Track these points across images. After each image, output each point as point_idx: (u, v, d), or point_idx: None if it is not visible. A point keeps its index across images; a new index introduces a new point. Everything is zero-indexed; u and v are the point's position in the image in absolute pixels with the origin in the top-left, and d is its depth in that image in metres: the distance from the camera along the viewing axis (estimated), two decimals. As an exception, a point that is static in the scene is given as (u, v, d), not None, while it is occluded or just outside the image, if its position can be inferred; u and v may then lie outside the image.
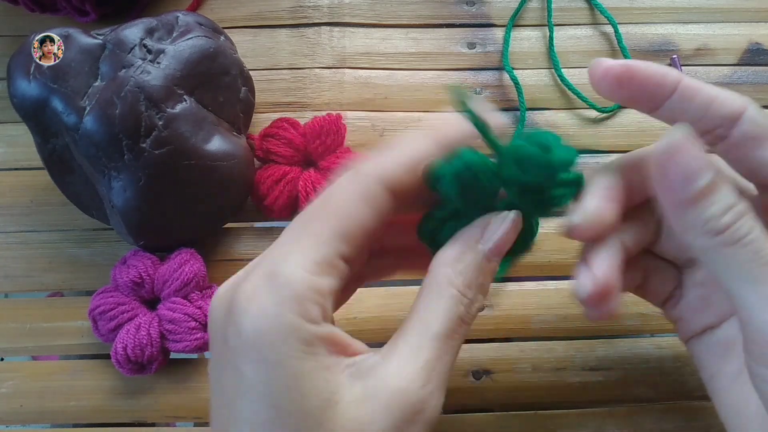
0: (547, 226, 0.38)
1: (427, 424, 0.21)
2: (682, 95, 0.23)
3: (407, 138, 0.24)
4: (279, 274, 0.21)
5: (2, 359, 0.38)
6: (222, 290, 0.23)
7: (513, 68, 0.43)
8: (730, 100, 0.23)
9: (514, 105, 0.42)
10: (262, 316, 0.20)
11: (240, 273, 0.23)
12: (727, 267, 0.22)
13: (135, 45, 0.33)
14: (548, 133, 0.24)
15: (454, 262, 0.23)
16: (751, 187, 0.25)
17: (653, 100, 0.24)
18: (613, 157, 0.40)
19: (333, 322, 0.22)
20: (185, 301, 0.34)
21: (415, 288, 0.24)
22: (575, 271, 0.25)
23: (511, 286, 0.37)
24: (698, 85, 0.23)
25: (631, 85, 0.23)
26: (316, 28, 0.44)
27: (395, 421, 0.20)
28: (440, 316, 0.22)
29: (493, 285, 0.26)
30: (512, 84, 0.42)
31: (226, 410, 0.21)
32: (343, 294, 0.25)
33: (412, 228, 0.25)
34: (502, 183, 0.24)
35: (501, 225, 0.23)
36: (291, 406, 0.20)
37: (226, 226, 0.38)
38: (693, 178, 0.21)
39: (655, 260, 0.28)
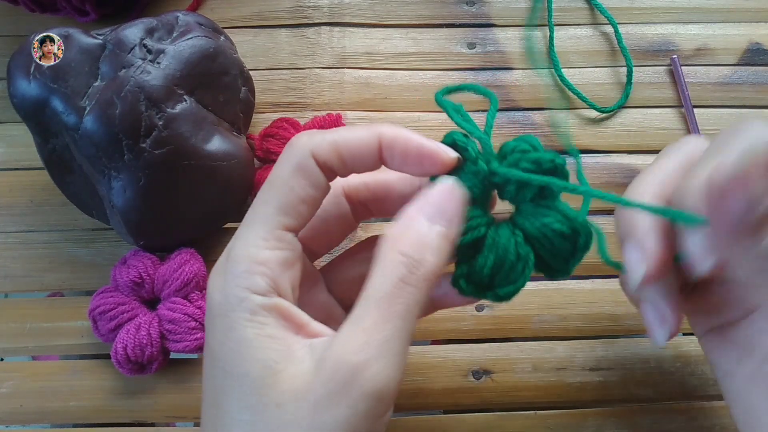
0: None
1: (369, 395, 0.20)
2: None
3: (348, 127, 0.25)
4: (230, 254, 0.23)
5: (2, 359, 0.38)
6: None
7: (513, 68, 0.43)
8: None
9: (514, 105, 0.42)
10: (217, 292, 0.23)
11: None
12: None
13: (135, 45, 0.33)
14: (531, 137, 0.25)
15: (397, 229, 0.23)
16: None
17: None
18: (614, 157, 0.40)
19: (292, 296, 0.23)
20: (185, 301, 0.34)
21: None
22: (625, 256, 0.24)
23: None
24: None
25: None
26: (316, 28, 0.44)
27: (328, 388, 0.21)
28: (378, 281, 0.22)
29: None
30: (512, 84, 0.42)
31: (203, 379, 0.24)
32: (343, 232, 0.29)
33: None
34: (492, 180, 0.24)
35: (434, 188, 0.24)
36: (236, 369, 0.22)
37: (226, 226, 0.38)
38: (755, 206, 0.20)
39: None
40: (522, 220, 0.25)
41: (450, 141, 0.25)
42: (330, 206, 0.27)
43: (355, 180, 0.27)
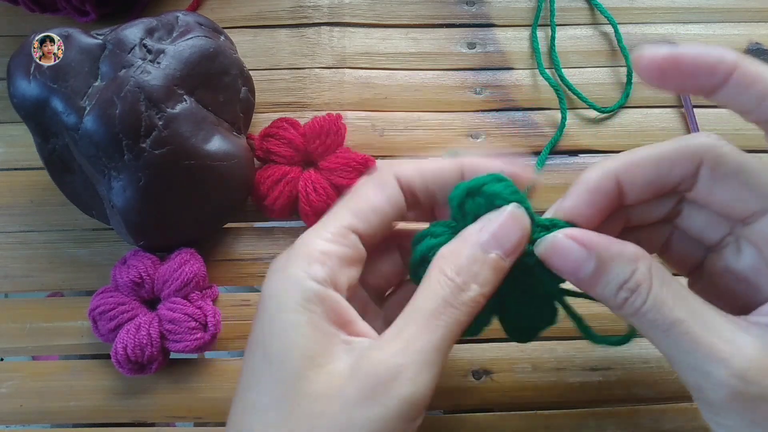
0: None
1: (402, 399, 0.21)
2: (738, 84, 0.22)
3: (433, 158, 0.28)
4: (298, 243, 0.25)
5: (2, 359, 0.38)
6: None
7: (513, 68, 0.43)
8: None
9: (514, 105, 0.42)
10: (276, 273, 0.24)
11: None
12: (641, 331, 0.24)
13: (135, 45, 0.33)
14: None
15: (448, 253, 0.24)
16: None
17: (706, 89, 0.23)
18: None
19: (346, 294, 0.24)
20: (185, 301, 0.34)
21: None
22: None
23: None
24: (757, 73, 0.22)
25: (677, 76, 0.22)
26: (316, 28, 0.44)
27: (362, 390, 0.21)
28: (423, 296, 0.23)
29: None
30: (512, 84, 0.42)
31: (243, 361, 0.24)
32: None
33: None
34: None
35: (497, 216, 0.24)
36: (276, 353, 0.22)
37: (226, 226, 0.38)
38: (578, 271, 0.23)
39: (680, 230, 0.28)
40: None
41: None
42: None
43: (409, 169, 0.27)
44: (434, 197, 0.27)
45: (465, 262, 0.23)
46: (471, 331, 0.25)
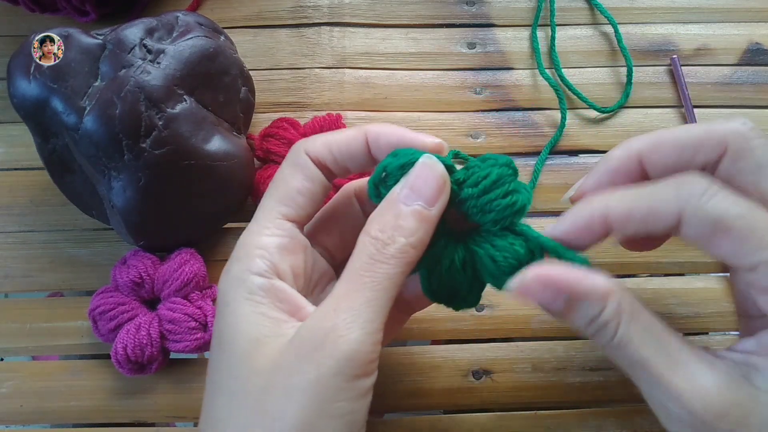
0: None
1: (337, 357, 0.21)
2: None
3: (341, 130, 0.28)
4: (237, 244, 0.26)
5: (2, 359, 0.38)
6: None
7: (513, 68, 0.43)
8: None
9: (514, 105, 0.42)
10: (223, 275, 0.25)
11: None
12: (610, 357, 0.24)
13: (135, 45, 0.33)
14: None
15: (373, 215, 0.25)
16: None
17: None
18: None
19: (293, 282, 0.25)
20: (185, 301, 0.34)
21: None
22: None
23: (511, 286, 0.37)
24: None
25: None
26: (316, 28, 0.44)
27: (299, 354, 0.22)
28: (352, 259, 0.24)
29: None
30: (512, 84, 0.42)
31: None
32: (396, 324, 0.30)
33: None
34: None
35: (411, 170, 0.25)
36: (226, 342, 0.24)
37: (226, 226, 0.38)
38: (550, 306, 0.23)
39: None
40: (484, 243, 0.26)
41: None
42: (343, 208, 0.29)
43: (364, 182, 0.28)
44: (346, 169, 0.27)
45: (388, 219, 0.24)
46: (464, 299, 0.26)
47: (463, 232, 0.26)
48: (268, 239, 0.25)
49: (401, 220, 0.24)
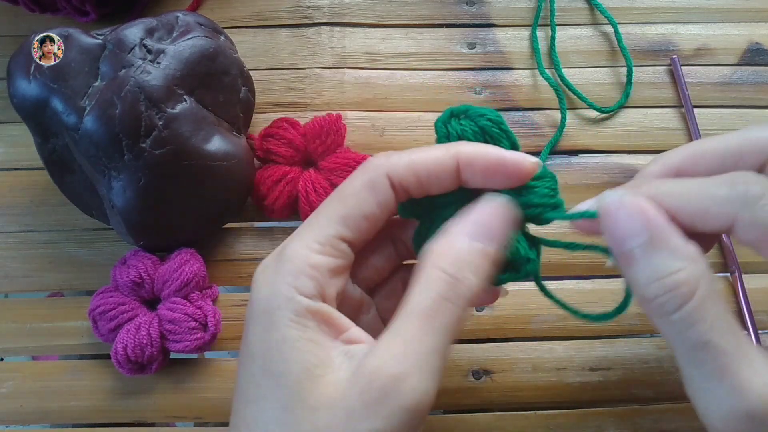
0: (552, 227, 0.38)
1: (406, 408, 0.20)
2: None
3: (425, 147, 0.25)
4: (284, 252, 0.24)
5: (2, 359, 0.38)
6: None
7: (513, 68, 0.43)
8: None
9: (514, 105, 0.42)
10: (264, 286, 0.23)
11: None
12: (663, 334, 0.22)
13: (135, 45, 0.33)
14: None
15: (438, 248, 0.23)
16: None
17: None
18: (614, 157, 0.40)
19: (335, 303, 0.24)
20: (185, 301, 0.34)
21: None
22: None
23: (511, 287, 0.37)
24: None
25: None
26: (316, 28, 0.44)
27: (365, 400, 0.20)
28: (419, 296, 0.22)
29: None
30: (512, 84, 0.42)
31: (236, 376, 0.24)
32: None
33: None
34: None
35: (481, 206, 0.24)
36: (275, 369, 0.22)
37: (226, 226, 0.38)
38: (625, 239, 0.21)
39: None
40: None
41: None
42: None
43: (401, 166, 0.25)
44: (428, 192, 0.25)
45: (457, 253, 0.23)
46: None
47: None
48: (321, 258, 0.23)
49: (472, 257, 0.23)
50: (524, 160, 0.24)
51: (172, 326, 0.33)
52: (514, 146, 0.26)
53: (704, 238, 0.25)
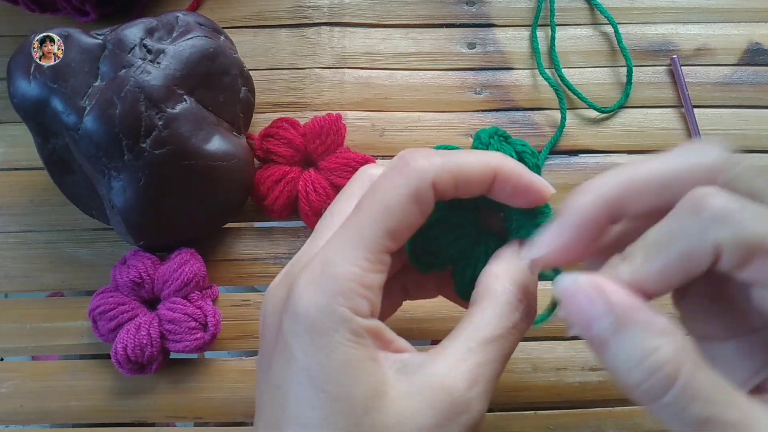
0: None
1: (469, 428, 0.21)
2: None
3: (466, 151, 0.25)
4: (332, 269, 0.22)
5: (2, 359, 0.38)
6: (275, 284, 0.24)
7: (513, 68, 0.43)
8: None
9: (515, 105, 0.42)
10: (316, 305, 0.21)
11: (287, 269, 0.25)
12: (655, 416, 0.20)
13: (135, 45, 0.33)
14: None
15: (507, 273, 0.23)
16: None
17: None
18: (614, 157, 0.40)
19: (378, 316, 0.23)
20: (185, 301, 0.34)
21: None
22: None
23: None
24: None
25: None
26: (316, 28, 0.44)
27: (437, 418, 0.21)
28: (493, 321, 0.22)
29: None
30: (512, 84, 0.42)
31: (274, 394, 0.22)
32: (390, 307, 0.29)
33: None
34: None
35: (546, 233, 0.23)
36: (340, 391, 0.21)
37: (226, 226, 0.38)
38: (591, 325, 0.20)
39: None
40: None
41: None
42: None
43: (445, 177, 0.24)
44: (457, 196, 0.24)
45: (525, 284, 0.23)
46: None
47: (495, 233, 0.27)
48: (374, 277, 0.22)
49: (534, 288, 0.23)
50: (547, 188, 0.24)
51: (172, 326, 0.33)
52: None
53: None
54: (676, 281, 0.20)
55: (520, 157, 0.25)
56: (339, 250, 0.22)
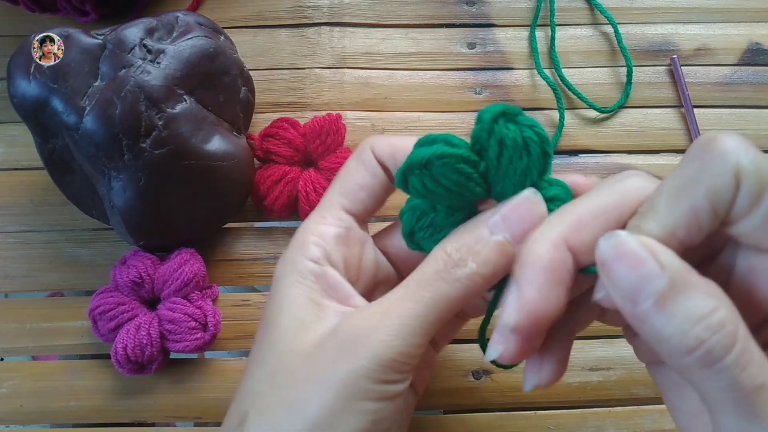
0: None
1: (372, 358, 0.21)
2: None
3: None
4: (298, 230, 0.26)
5: (2, 359, 0.38)
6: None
7: (513, 68, 0.43)
8: None
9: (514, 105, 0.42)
10: (281, 258, 0.26)
11: None
12: (706, 390, 0.19)
13: (135, 45, 0.33)
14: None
15: (456, 232, 0.24)
16: None
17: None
18: (614, 157, 0.40)
19: (343, 270, 0.25)
20: (185, 301, 0.34)
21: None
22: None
23: (511, 286, 0.37)
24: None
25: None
26: (316, 28, 0.44)
27: (337, 347, 0.22)
28: (418, 269, 0.23)
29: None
30: (512, 84, 0.42)
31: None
32: (454, 329, 0.30)
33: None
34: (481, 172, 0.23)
35: (512, 199, 0.23)
36: (273, 318, 0.24)
37: (226, 226, 0.38)
38: (640, 289, 0.18)
39: None
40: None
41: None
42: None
43: (382, 143, 0.27)
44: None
45: (467, 240, 0.23)
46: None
47: None
48: (324, 228, 0.25)
49: (480, 246, 0.22)
50: None
51: (172, 326, 0.33)
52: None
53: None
54: (707, 225, 0.19)
55: (525, 144, 0.22)
56: (307, 218, 0.26)
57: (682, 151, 0.41)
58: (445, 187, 0.22)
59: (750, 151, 0.19)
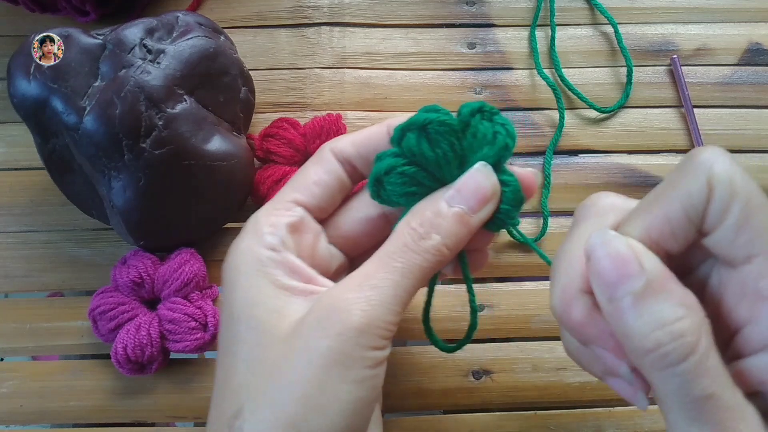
0: (554, 227, 0.38)
1: (352, 327, 0.22)
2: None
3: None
4: (247, 222, 0.27)
5: (2, 359, 0.38)
6: None
7: (513, 68, 0.43)
8: None
9: (515, 105, 0.42)
10: (233, 249, 0.26)
11: None
12: (659, 389, 0.20)
13: (135, 45, 0.33)
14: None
15: (417, 208, 0.25)
16: None
17: None
18: (614, 157, 0.40)
19: (301, 256, 0.26)
20: (185, 301, 0.34)
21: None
22: None
23: (511, 286, 0.37)
24: None
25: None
26: (316, 28, 0.44)
27: (318, 321, 0.23)
28: (386, 243, 0.25)
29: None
30: (512, 84, 0.42)
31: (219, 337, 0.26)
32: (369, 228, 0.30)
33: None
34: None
35: (467, 173, 0.25)
36: (242, 312, 0.24)
37: (226, 226, 0.38)
38: (619, 283, 0.20)
39: None
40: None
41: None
42: (360, 205, 0.30)
43: (342, 141, 0.28)
44: (371, 163, 0.28)
45: (429, 215, 0.25)
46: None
47: None
48: (277, 218, 0.26)
49: (440, 219, 0.24)
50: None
51: (172, 326, 0.33)
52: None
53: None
54: (681, 230, 0.21)
55: (494, 136, 0.26)
56: (259, 209, 0.27)
57: (682, 151, 0.41)
58: (434, 150, 0.25)
59: (725, 162, 0.20)
